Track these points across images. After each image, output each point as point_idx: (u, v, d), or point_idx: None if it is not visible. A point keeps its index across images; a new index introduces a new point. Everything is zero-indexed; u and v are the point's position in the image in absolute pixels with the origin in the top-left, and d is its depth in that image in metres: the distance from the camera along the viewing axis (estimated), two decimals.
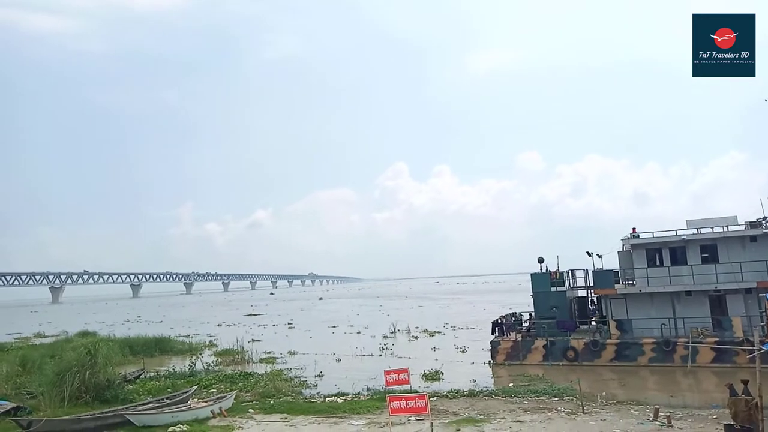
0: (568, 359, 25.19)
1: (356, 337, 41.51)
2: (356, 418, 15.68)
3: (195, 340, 42.43)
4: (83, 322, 68.41)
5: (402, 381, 16.12)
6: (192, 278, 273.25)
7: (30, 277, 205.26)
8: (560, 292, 27.99)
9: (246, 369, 27.41)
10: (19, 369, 23.38)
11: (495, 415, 15.51)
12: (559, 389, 19.18)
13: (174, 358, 33.47)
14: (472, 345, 32.89)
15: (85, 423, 14.63)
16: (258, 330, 51.42)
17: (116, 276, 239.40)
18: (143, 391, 21.14)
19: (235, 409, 17.28)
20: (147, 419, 15.14)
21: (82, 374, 18.23)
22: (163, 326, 57.96)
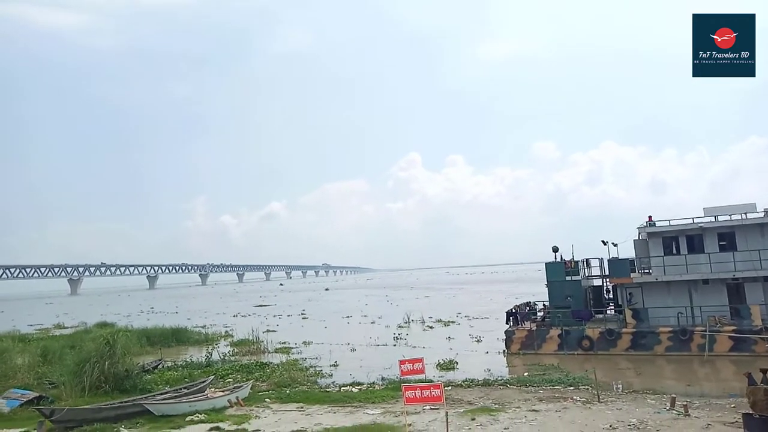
0: (584, 348, 25.07)
1: (370, 327, 41.69)
2: (371, 408, 15.78)
3: (211, 330, 42.90)
4: (99, 313, 69.58)
5: (416, 371, 16.12)
6: (207, 269, 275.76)
7: (49, 269, 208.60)
8: (575, 281, 27.84)
9: (262, 359, 27.68)
10: (41, 359, 23.82)
11: (510, 404, 15.51)
12: (574, 378, 19.13)
13: (191, 348, 33.88)
14: (486, 335, 32.86)
15: (106, 412, 14.87)
16: (273, 320, 51.84)
17: (133, 268, 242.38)
18: (161, 381, 21.43)
19: (252, 398, 17.47)
20: (165, 408, 15.36)
21: (102, 364, 18.53)
22: (180, 317, 58.62)
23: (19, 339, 31.81)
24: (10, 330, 41.21)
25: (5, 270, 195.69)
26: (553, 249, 29.21)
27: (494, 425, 13.01)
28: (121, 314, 66.72)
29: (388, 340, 33.32)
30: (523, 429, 12.57)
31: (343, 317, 51.97)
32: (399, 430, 12.50)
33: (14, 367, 21.48)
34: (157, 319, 56.01)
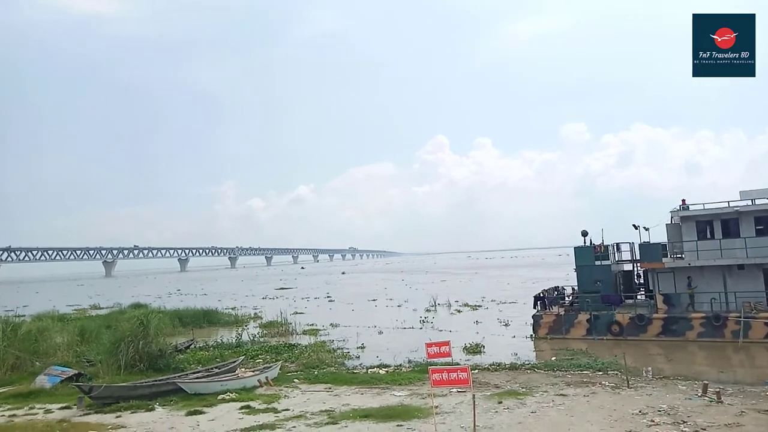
0: (613, 334, 24.78)
1: (396, 311, 41.92)
2: (398, 389, 15.92)
3: (240, 312, 43.71)
4: (128, 294, 71.58)
5: (443, 354, 16.14)
6: (236, 253, 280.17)
7: (84, 252, 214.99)
8: (605, 265, 27.43)
9: (290, 340, 28.14)
10: (78, 339, 24.57)
11: (537, 388, 15.48)
12: (603, 363, 18.95)
13: (221, 329, 34.60)
14: (513, 319, 32.72)
15: (141, 390, 15.34)
16: (301, 303, 52.54)
17: (164, 251, 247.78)
18: (193, 360, 21.97)
19: (281, 378, 17.80)
20: (198, 387, 15.77)
21: (136, 344, 19.04)
22: (210, 299, 59.83)
23: (58, 318, 32.89)
24: (50, 310, 42.68)
25: (44, 252, 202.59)
26: (583, 233, 28.78)
27: (521, 409, 13.01)
28: (152, 295, 68.45)
29: (415, 323, 33.48)
30: (551, 413, 12.54)
31: (370, 300, 52.38)
32: (426, 412, 12.59)
33: (54, 345, 22.30)
34: (186, 300, 57.29)
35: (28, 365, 19.81)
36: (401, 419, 12.26)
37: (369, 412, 12.96)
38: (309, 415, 13.11)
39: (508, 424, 11.67)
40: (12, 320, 23.63)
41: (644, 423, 11.40)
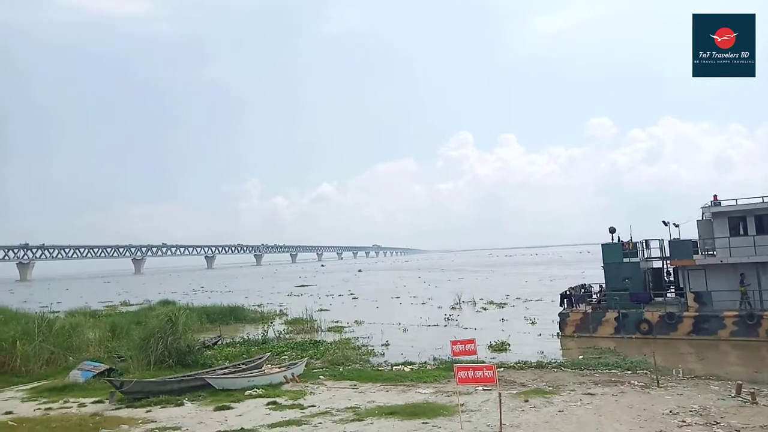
0: (642, 332, 24.35)
1: (421, 308, 41.87)
2: (423, 387, 15.91)
3: (266, 309, 44.16)
4: (155, 291, 72.92)
5: (468, 351, 16.09)
6: (261, 250, 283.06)
7: (114, 249, 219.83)
8: (633, 263, 26.95)
9: (315, 337, 28.33)
10: (109, 335, 25.16)
11: (564, 387, 15.29)
12: (632, 362, 18.61)
13: (247, 326, 34.99)
14: (540, 317, 32.39)
15: (170, 385, 15.63)
16: (325, 300, 52.86)
17: (191, 248, 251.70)
18: (221, 356, 22.26)
19: (307, 375, 17.94)
20: (226, 383, 16.00)
21: (165, 340, 19.43)
22: (236, 296, 60.54)
23: (90, 315, 33.70)
24: (82, 306, 43.78)
25: (75, 250, 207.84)
26: (610, 230, 28.34)
27: (548, 407, 12.88)
28: (178, 292, 69.64)
29: (439, 321, 33.39)
30: (579, 412, 12.38)
31: (393, 297, 52.43)
32: (451, 410, 12.56)
33: (86, 341, 22.85)
34: (210, 297, 58.15)
35: (62, 360, 20.35)
36: (427, 417, 12.26)
37: (394, 410, 12.98)
38: (335, 411, 13.19)
39: (534, 423, 11.56)
40: (46, 316, 24.35)
41: (675, 423, 11.18)
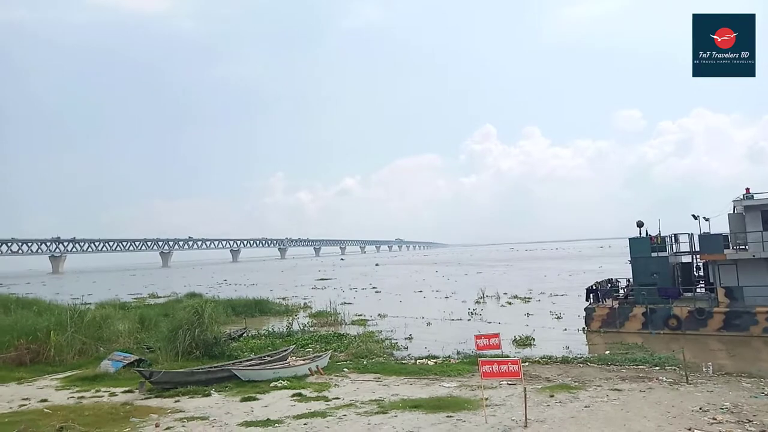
0: (670, 328, 23.92)
1: (444, 302, 41.79)
2: (447, 381, 15.89)
3: (291, 302, 44.58)
4: (180, 284, 74.16)
5: (492, 346, 15.99)
6: (285, 244, 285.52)
7: (142, 243, 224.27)
8: (661, 257, 26.44)
9: (339, 330, 28.49)
10: (139, 326, 25.67)
11: (590, 382, 15.12)
12: (660, 358, 18.30)
13: (272, 318, 35.38)
14: (565, 312, 32.05)
15: (198, 376, 15.91)
16: (349, 293, 53.13)
17: (217, 242, 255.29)
18: (246, 348, 22.53)
19: (331, 367, 18.07)
20: (251, 374, 16.22)
21: (192, 332, 19.75)
22: (261, 288, 61.25)
23: (120, 307, 34.44)
24: (112, 298, 44.79)
25: (105, 243, 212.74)
26: (638, 224, 27.83)
27: (574, 403, 12.75)
28: (203, 285, 70.70)
29: (463, 315, 33.29)
30: (605, 408, 12.23)
31: (416, 291, 52.42)
32: (476, 404, 12.53)
33: (116, 332, 23.35)
34: (234, 290, 58.89)
35: (93, 351, 20.86)
36: (451, 410, 12.25)
37: (418, 403, 13.01)
38: (359, 404, 13.27)
39: (560, 418, 11.46)
40: (78, 308, 24.98)
41: (705, 421, 10.96)
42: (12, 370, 18.31)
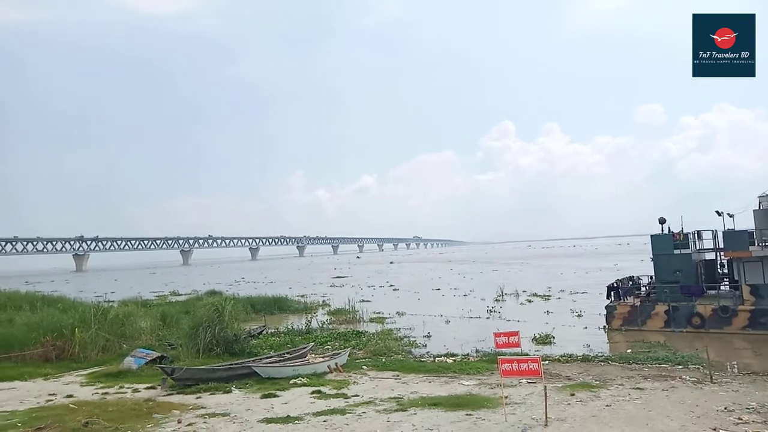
0: (693, 326, 23.55)
1: (462, 300, 41.66)
2: (466, 379, 15.85)
3: (309, 299, 44.79)
4: (199, 282, 75.05)
5: (512, 344, 15.87)
6: (304, 242, 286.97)
7: (163, 241, 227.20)
8: (684, 254, 26.00)
9: (357, 328, 28.57)
10: (160, 323, 26.05)
11: (612, 381, 14.95)
12: (683, 357, 18.04)
13: (291, 316, 35.59)
14: (586, 310, 31.72)
15: (219, 372, 16.09)
16: (367, 291, 53.23)
17: (236, 240, 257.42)
18: (266, 345, 22.73)
19: (350, 365, 18.13)
20: (271, 371, 16.35)
21: (213, 329, 19.95)
22: (280, 286, 61.68)
23: (142, 304, 34.94)
24: (135, 296, 45.49)
25: (127, 242, 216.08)
26: (660, 220, 27.41)
27: (595, 402, 12.63)
28: (222, 283, 71.46)
29: (481, 313, 33.15)
30: (627, 407, 12.09)
31: (434, 289, 52.33)
32: (495, 402, 12.48)
33: (139, 329, 23.70)
34: (251, 288, 59.42)
35: (116, 347, 21.20)
36: (470, 408, 12.21)
37: (437, 401, 12.99)
38: (378, 401, 13.30)
39: (581, 417, 11.35)
40: (101, 305, 25.42)
41: (731, 421, 10.77)
42: (39, 366, 18.70)
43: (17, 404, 14.08)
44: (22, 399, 14.65)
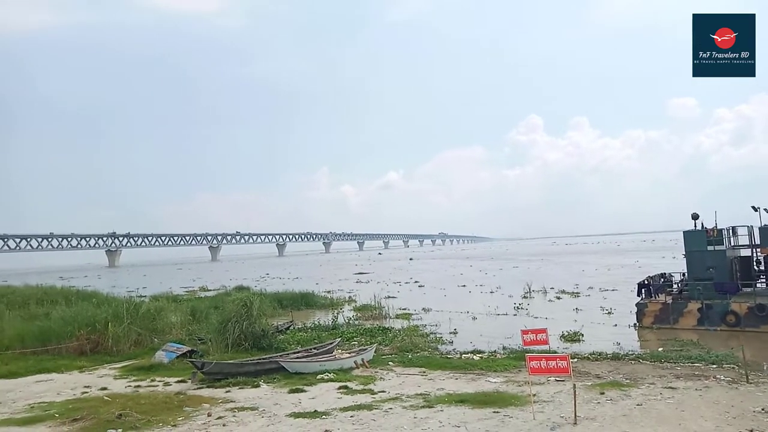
0: (728, 324, 22.95)
1: (489, 296, 41.39)
2: (493, 376, 15.73)
3: (335, 295, 45.07)
4: (226, 278, 76.18)
5: (540, 341, 15.80)
6: (330, 238, 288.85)
7: (192, 237, 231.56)
8: (718, 251, 25.34)
9: (383, 324, 28.62)
10: (190, 318, 26.51)
11: (643, 380, 14.66)
12: (717, 356, 17.56)
13: (318, 312, 35.88)
14: (615, 308, 31.20)
15: (247, 367, 16.29)
16: (393, 287, 53.29)
17: (264, 236, 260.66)
18: (293, 341, 22.93)
19: (376, 361, 18.17)
20: (299, 366, 16.49)
21: (241, 324, 20.23)
22: (307, 282, 62.20)
23: (172, 299, 35.65)
24: (165, 291, 46.42)
25: (157, 238, 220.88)
26: (693, 216, 26.73)
27: (625, 400, 12.40)
28: (248, 278, 72.38)
29: (508, 310, 32.88)
30: (659, 406, 11.84)
31: (460, 286, 52.10)
32: (523, 400, 12.36)
33: (169, 323, 24.17)
34: (280, 284, 59.96)
35: (147, 341, 21.66)
36: (497, 406, 12.13)
37: (464, 398, 12.93)
38: (405, 397, 13.30)
39: (611, 416, 11.17)
40: (133, 300, 26.00)
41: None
42: (74, 359, 19.25)
43: (55, 395, 14.53)
44: (59, 390, 15.10)
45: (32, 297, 32.53)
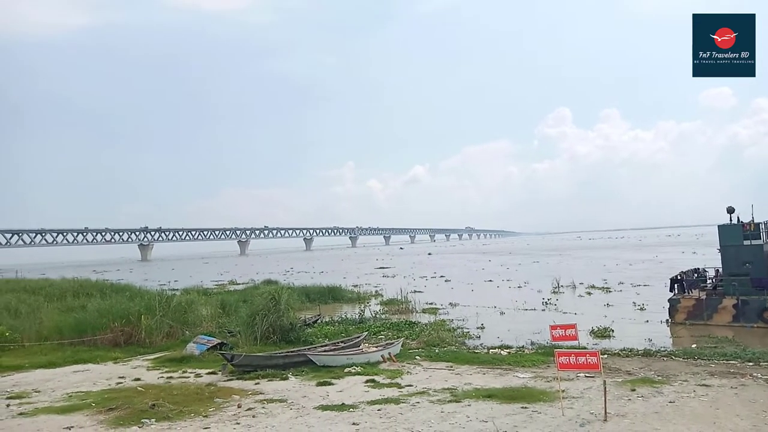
0: (765, 321, 22.30)
1: (517, 291, 41.03)
2: (521, 371, 15.61)
3: (362, 289, 45.26)
4: (253, 272, 77.17)
5: (569, 337, 15.50)
6: (356, 232, 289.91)
7: (222, 232, 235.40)
8: (755, 245, 24.60)
9: (410, 318, 28.65)
10: (220, 311, 26.97)
11: (675, 377, 14.35)
12: (754, 354, 17.07)
13: (345, 305, 36.08)
14: (648, 303, 30.59)
15: (276, 359, 16.51)
16: (419, 282, 53.25)
17: (291, 231, 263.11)
18: (320, 334, 23.11)
19: (403, 355, 18.19)
20: (326, 360, 16.64)
21: (269, 317, 20.46)
22: (334, 276, 62.60)
23: (203, 293, 36.28)
24: (196, 285, 47.28)
25: (188, 233, 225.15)
26: (728, 210, 26.01)
27: (657, 398, 12.17)
28: (274, 272, 73.11)
29: (537, 305, 32.55)
30: (692, 404, 11.59)
31: (486, 281, 51.75)
32: (551, 396, 12.24)
33: (200, 316, 24.65)
34: (306, 278, 60.56)
35: (179, 334, 22.11)
36: (525, 401, 12.03)
37: (492, 393, 12.87)
38: (432, 392, 13.30)
39: (642, 413, 10.98)
40: (165, 293, 26.55)
41: None
42: (109, 351, 19.79)
43: (91, 385, 14.96)
44: (95, 381, 15.55)
45: (69, 290, 33.46)
